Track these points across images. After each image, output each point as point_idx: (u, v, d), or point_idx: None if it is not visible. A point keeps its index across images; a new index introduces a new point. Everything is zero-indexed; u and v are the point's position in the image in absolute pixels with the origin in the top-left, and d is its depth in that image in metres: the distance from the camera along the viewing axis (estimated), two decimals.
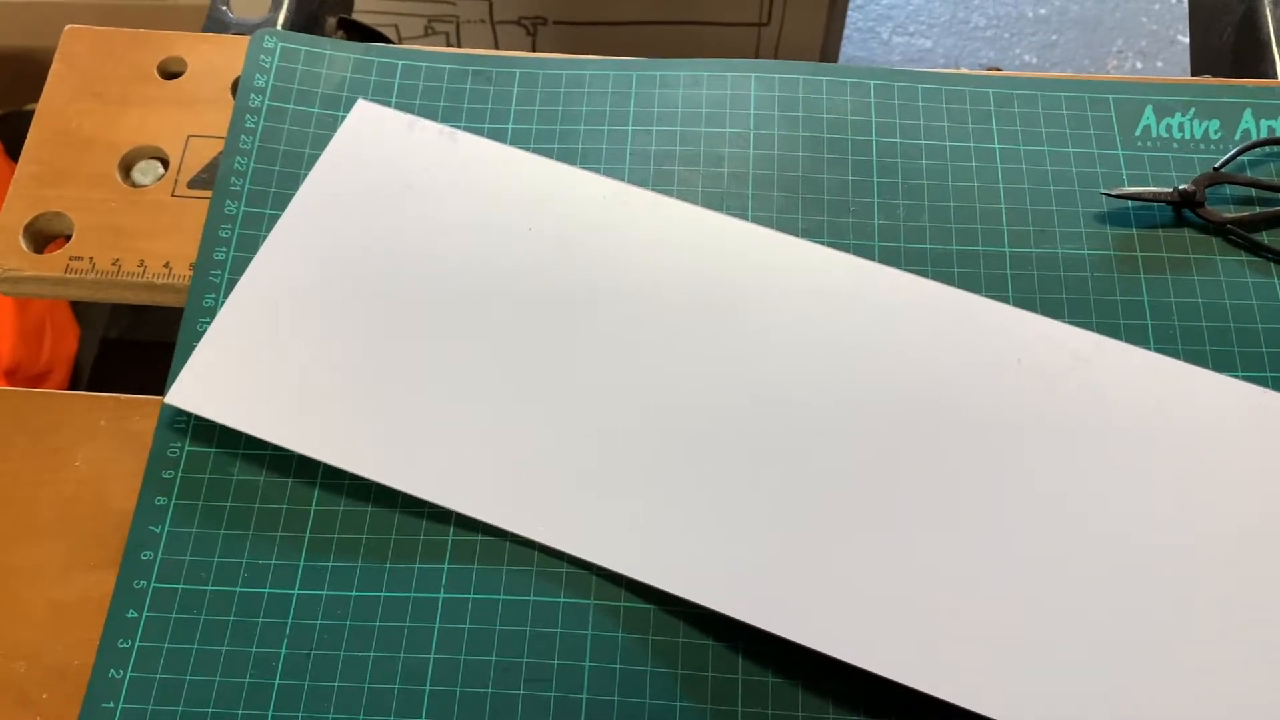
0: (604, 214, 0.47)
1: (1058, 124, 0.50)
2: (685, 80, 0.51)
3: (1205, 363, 0.44)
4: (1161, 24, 1.43)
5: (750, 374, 0.43)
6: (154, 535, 0.41)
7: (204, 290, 0.46)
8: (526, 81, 0.51)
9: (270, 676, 0.39)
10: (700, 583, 0.39)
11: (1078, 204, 0.48)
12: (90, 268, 0.47)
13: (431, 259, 0.46)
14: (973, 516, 0.40)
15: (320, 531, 0.42)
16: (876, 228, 0.47)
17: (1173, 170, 0.49)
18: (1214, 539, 0.40)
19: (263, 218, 0.47)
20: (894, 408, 0.43)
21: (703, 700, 0.39)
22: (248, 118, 0.49)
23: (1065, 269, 0.47)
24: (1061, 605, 0.39)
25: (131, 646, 0.40)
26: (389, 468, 0.42)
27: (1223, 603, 0.39)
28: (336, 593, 0.41)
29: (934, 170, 0.49)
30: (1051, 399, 0.43)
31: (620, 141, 0.49)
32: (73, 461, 0.43)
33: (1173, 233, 0.48)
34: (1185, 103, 0.51)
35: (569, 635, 0.40)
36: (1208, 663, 0.38)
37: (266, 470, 0.43)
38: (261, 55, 0.51)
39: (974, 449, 0.42)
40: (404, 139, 0.48)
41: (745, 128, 0.50)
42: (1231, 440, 0.42)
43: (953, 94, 0.51)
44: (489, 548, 0.41)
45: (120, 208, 0.48)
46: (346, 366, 0.43)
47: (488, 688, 0.39)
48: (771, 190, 0.48)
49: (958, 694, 0.37)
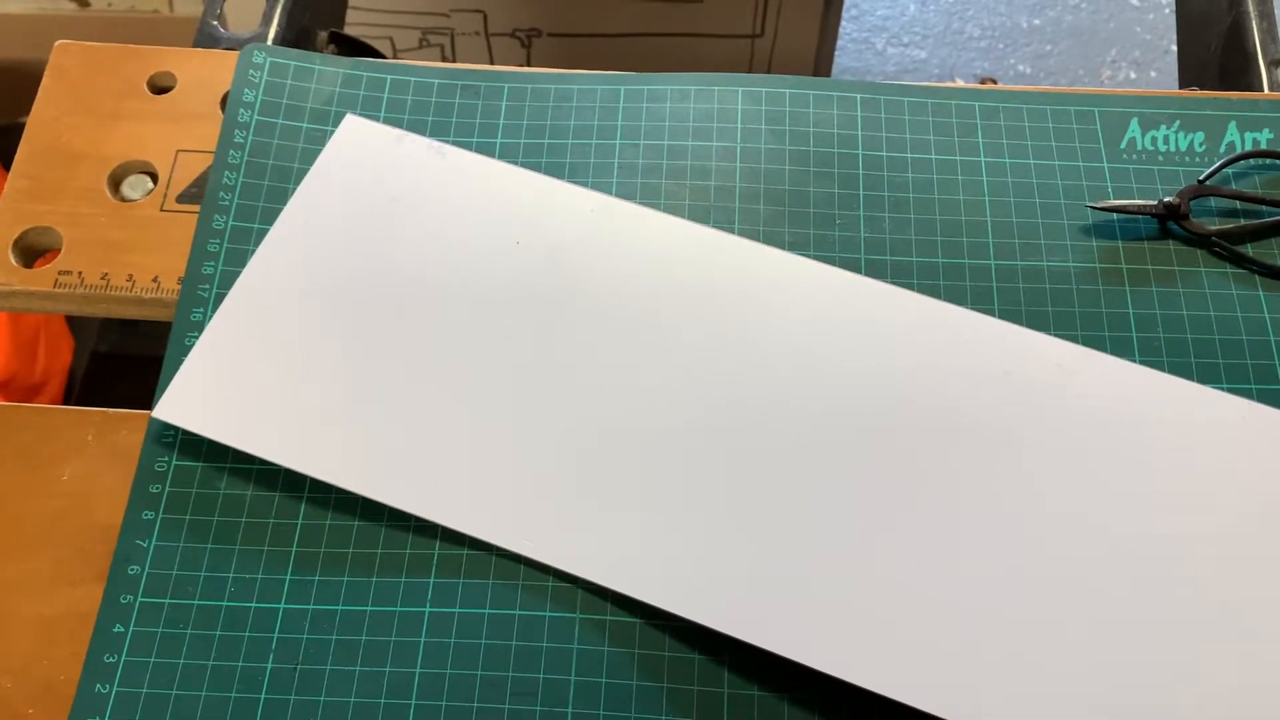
0: (591, 227, 0.47)
1: (1043, 137, 0.50)
2: (672, 94, 0.51)
3: (1190, 375, 0.44)
4: (1155, 34, 1.43)
5: (736, 387, 0.43)
6: (141, 549, 0.42)
7: (192, 304, 0.46)
8: (515, 96, 0.51)
9: (256, 691, 0.39)
10: (687, 597, 0.39)
11: (1063, 217, 0.48)
12: (79, 282, 0.47)
13: (419, 273, 0.46)
14: (960, 529, 0.41)
15: (307, 546, 0.42)
16: (863, 241, 0.48)
17: (1158, 183, 0.49)
18: (1198, 549, 0.40)
19: (251, 232, 0.47)
20: (880, 421, 0.43)
21: (689, 714, 0.39)
22: (237, 132, 0.50)
23: (1051, 281, 0.47)
24: (1050, 616, 0.39)
25: (118, 661, 0.40)
26: (375, 482, 0.42)
27: (1206, 609, 0.39)
28: (323, 607, 0.41)
29: (920, 183, 0.49)
30: (1037, 411, 0.43)
31: (608, 155, 0.50)
32: (60, 476, 0.43)
33: (1157, 245, 0.48)
34: (1170, 115, 0.51)
35: (555, 649, 0.40)
36: (1191, 668, 0.38)
37: (254, 485, 0.43)
38: (251, 70, 0.51)
39: (961, 461, 0.42)
40: (392, 153, 0.49)
41: (732, 141, 0.50)
42: (1216, 452, 0.42)
43: (939, 107, 0.51)
44: (475, 562, 0.41)
45: (109, 222, 0.49)
46: (334, 381, 0.44)
47: (473, 702, 0.39)
48: (758, 203, 0.48)
49: (945, 707, 0.37)
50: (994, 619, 0.39)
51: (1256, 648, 0.38)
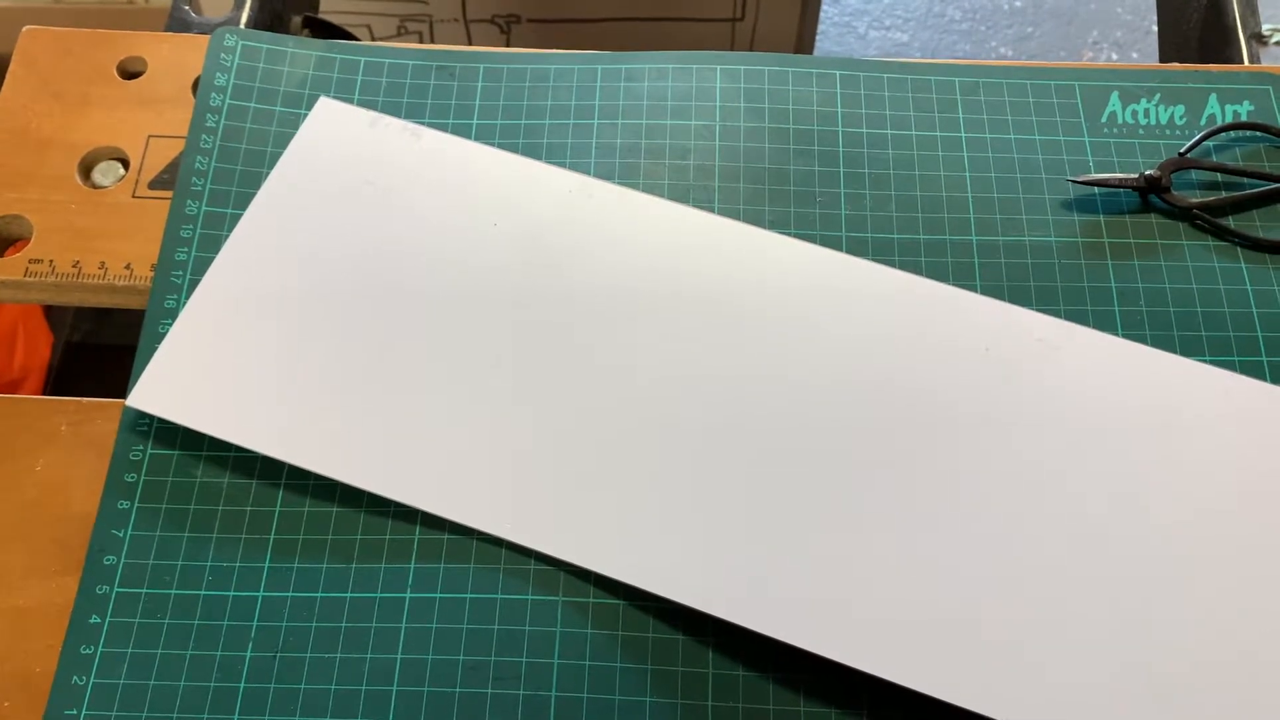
0: (570, 208, 0.47)
1: (1024, 112, 0.50)
2: (650, 73, 0.51)
3: (1173, 348, 0.44)
4: (1136, 14, 1.43)
5: (718, 366, 0.43)
6: (117, 539, 0.41)
7: (166, 291, 0.45)
8: (491, 77, 0.51)
9: (236, 680, 0.39)
10: (670, 578, 0.39)
11: (1044, 191, 0.48)
12: (50, 270, 0.46)
13: (395, 256, 0.45)
14: (944, 506, 0.40)
15: (285, 533, 0.41)
16: (844, 218, 0.47)
17: (1139, 156, 0.49)
18: (1184, 522, 0.40)
19: (224, 217, 0.47)
20: (863, 398, 0.42)
21: (673, 695, 0.38)
22: (209, 117, 0.49)
23: (1032, 256, 0.46)
24: (1035, 593, 0.39)
25: (95, 652, 0.39)
26: (354, 467, 0.41)
27: (1194, 582, 0.39)
28: (302, 594, 0.40)
29: (900, 160, 0.49)
30: (1020, 386, 0.43)
31: (586, 136, 0.49)
32: (33, 466, 0.43)
33: (1139, 218, 0.48)
34: (1150, 89, 0.50)
35: (537, 632, 0.39)
36: (1183, 642, 0.38)
37: (230, 472, 0.42)
38: (222, 54, 0.50)
39: (943, 438, 0.42)
40: (367, 136, 0.48)
41: (711, 120, 0.49)
42: (1200, 424, 0.42)
43: (918, 83, 0.50)
44: (455, 546, 0.41)
45: (81, 209, 0.48)
46: (309, 366, 0.43)
47: (455, 687, 0.38)
48: (738, 182, 0.48)
49: (929, 684, 0.37)
50: (980, 595, 0.39)
51: (1247, 623, 0.38)
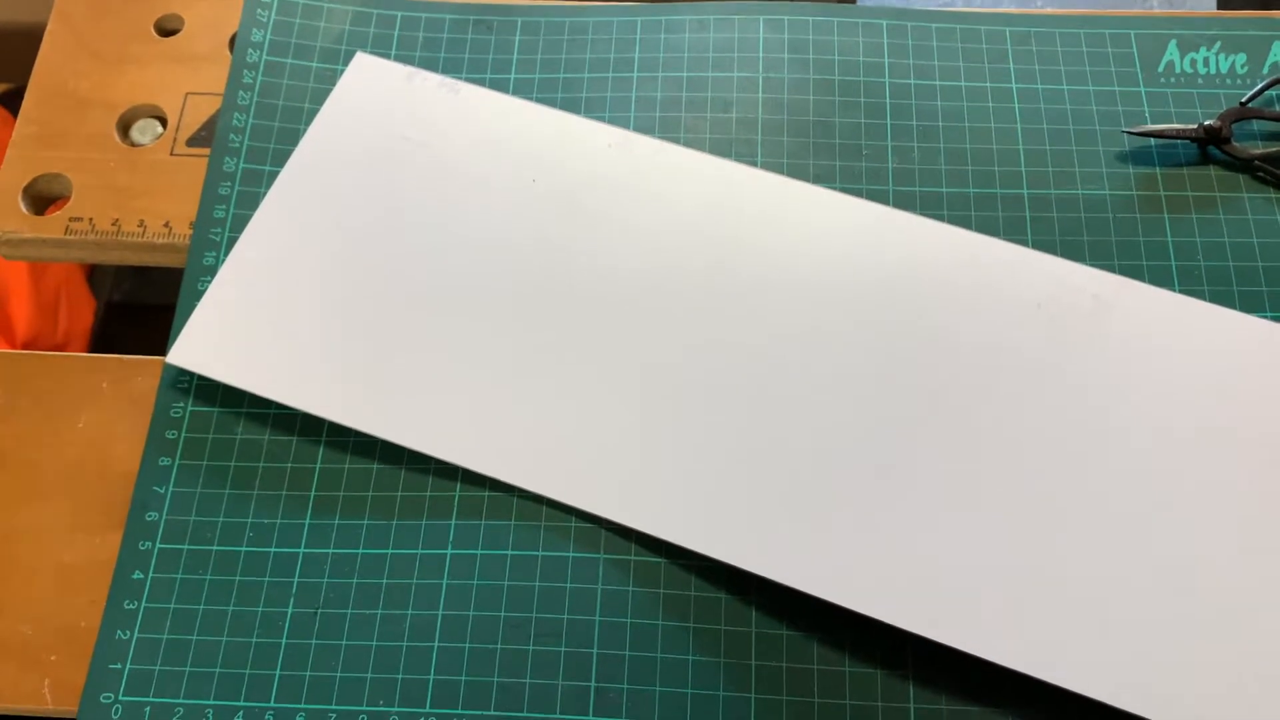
0: (609, 163, 0.46)
1: (1077, 61, 0.48)
2: (691, 25, 0.49)
3: (1232, 303, 0.43)
4: None
5: (761, 323, 0.42)
6: (158, 496, 0.41)
7: (204, 248, 0.45)
8: (528, 30, 0.50)
9: (277, 636, 0.39)
10: (712, 535, 0.38)
11: (1098, 143, 0.47)
12: (90, 228, 0.46)
13: (433, 212, 0.45)
14: (991, 464, 0.39)
15: (326, 489, 0.41)
16: (891, 172, 0.46)
17: (1198, 106, 0.47)
18: (1243, 481, 0.39)
19: (262, 174, 0.46)
20: (913, 357, 0.41)
21: (716, 654, 0.38)
22: (245, 74, 0.48)
23: (1086, 210, 0.45)
24: (1087, 552, 0.38)
25: (138, 608, 0.39)
26: (394, 424, 0.41)
27: (1252, 538, 0.38)
28: (343, 550, 0.40)
29: (949, 111, 0.47)
30: (1073, 343, 0.41)
31: (625, 89, 0.48)
32: (76, 424, 0.43)
33: (1197, 171, 0.46)
34: (1211, 37, 0.49)
35: (579, 590, 0.39)
36: (1234, 603, 0.37)
37: (270, 429, 0.42)
38: (259, 10, 0.50)
39: (995, 397, 0.41)
40: (404, 91, 0.47)
41: (754, 71, 0.48)
42: (1261, 381, 0.41)
43: (968, 33, 0.49)
44: (496, 503, 0.40)
45: (119, 167, 0.48)
46: (348, 322, 0.43)
47: (497, 644, 0.38)
48: (782, 135, 0.47)
49: (973, 644, 0.36)
50: (1029, 556, 0.38)
51: None
